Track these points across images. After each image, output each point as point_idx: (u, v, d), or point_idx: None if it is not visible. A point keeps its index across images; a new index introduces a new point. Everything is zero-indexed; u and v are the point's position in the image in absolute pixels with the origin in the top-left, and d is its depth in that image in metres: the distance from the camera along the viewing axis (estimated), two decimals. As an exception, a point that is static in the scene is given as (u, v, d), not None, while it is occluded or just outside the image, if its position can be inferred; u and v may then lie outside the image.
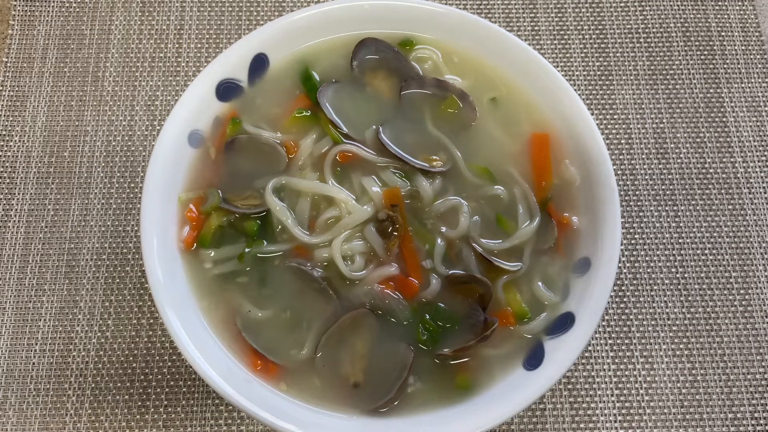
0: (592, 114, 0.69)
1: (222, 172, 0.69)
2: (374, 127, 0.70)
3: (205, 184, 0.69)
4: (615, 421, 0.71)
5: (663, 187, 0.80)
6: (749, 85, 0.84)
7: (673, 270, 0.77)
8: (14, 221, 0.76)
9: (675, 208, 0.79)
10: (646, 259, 0.77)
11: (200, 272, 0.66)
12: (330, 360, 0.63)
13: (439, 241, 0.67)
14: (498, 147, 0.70)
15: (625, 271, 0.76)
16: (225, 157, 0.70)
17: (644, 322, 0.74)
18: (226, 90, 0.70)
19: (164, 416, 0.70)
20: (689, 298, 0.76)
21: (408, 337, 0.64)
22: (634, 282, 0.76)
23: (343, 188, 0.68)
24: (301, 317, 0.65)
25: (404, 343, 0.64)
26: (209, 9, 0.86)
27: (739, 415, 0.71)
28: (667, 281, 0.76)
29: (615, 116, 0.83)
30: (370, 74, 0.73)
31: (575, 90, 0.69)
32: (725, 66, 0.85)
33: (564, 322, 0.64)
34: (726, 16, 0.87)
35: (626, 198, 0.79)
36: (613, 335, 0.74)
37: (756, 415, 0.72)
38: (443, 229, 0.67)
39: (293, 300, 0.66)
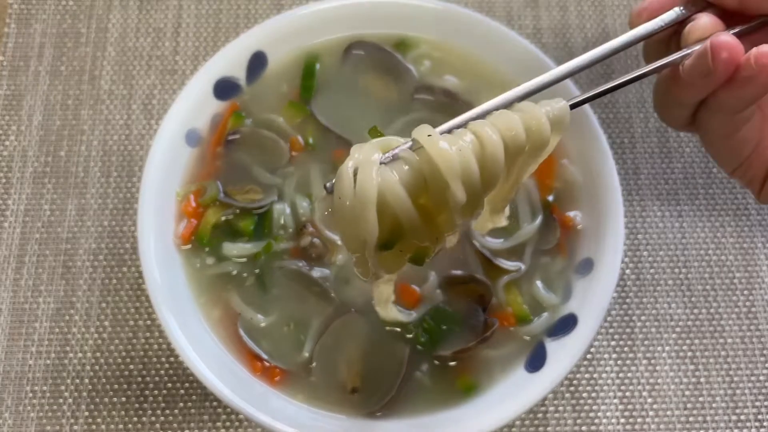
0: (595, 112, 0.69)
1: (221, 167, 0.69)
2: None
3: (204, 180, 0.68)
4: (618, 424, 0.70)
5: (666, 186, 0.79)
6: (753, 83, 0.84)
7: (676, 270, 0.76)
8: (10, 221, 0.76)
9: (678, 207, 0.78)
10: (649, 259, 0.76)
11: (198, 271, 0.66)
12: (326, 367, 0.63)
13: None
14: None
15: (627, 271, 0.76)
16: (225, 151, 0.69)
17: (647, 324, 0.74)
18: (224, 88, 0.70)
19: (162, 419, 0.69)
20: (692, 299, 0.75)
21: (405, 338, 0.64)
22: (637, 283, 0.75)
23: None
24: (301, 319, 0.65)
25: (398, 342, 0.64)
26: (207, 6, 0.85)
27: (742, 417, 0.71)
28: (670, 282, 0.76)
29: (618, 114, 0.82)
30: (363, 76, 0.72)
31: (578, 87, 0.68)
32: (729, 64, 0.85)
33: (566, 324, 0.63)
34: (729, 14, 0.87)
35: (629, 198, 0.78)
36: (615, 336, 0.73)
37: (760, 417, 0.71)
38: None
39: (293, 302, 0.65)
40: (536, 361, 0.63)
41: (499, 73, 0.71)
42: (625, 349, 0.73)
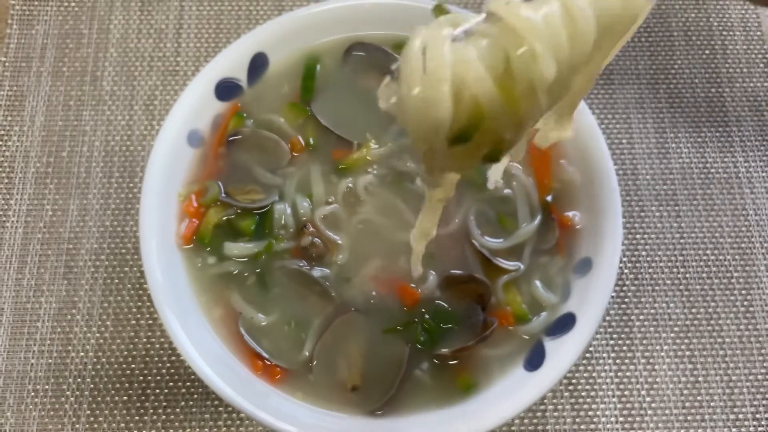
0: (593, 113, 0.69)
1: (223, 167, 0.69)
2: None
3: (205, 181, 0.69)
4: (616, 422, 0.71)
5: (664, 186, 0.79)
6: (750, 83, 0.84)
7: (674, 270, 0.76)
8: (12, 222, 0.76)
9: (677, 207, 0.79)
10: (648, 259, 0.77)
11: (200, 270, 0.66)
12: (326, 366, 0.63)
13: None
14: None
15: (626, 271, 0.76)
16: (227, 151, 0.69)
17: (646, 323, 0.74)
18: (225, 89, 0.70)
19: (163, 417, 0.69)
20: (691, 299, 0.75)
21: (405, 337, 0.64)
22: (636, 282, 0.76)
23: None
24: (302, 319, 0.65)
25: (399, 340, 0.64)
26: (208, 8, 0.85)
27: (740, 416, 0.71)
28: (668, 281, 0.76)
29: (616, 115, 0.82)
30: (363, 77, 0.72)
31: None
32: (726, 65, 0.85)
33: (565, 323, 0.63)
34: (727, 15, 0.87)
35: (627, 198, 0.79)
36: (614, 336, 0.74)
37: (758, 416, 0.71)
38: None
39: (294, 302, 0.65)
40: (535, 360, 0.63)
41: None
42: (624, 348, 0.73)
